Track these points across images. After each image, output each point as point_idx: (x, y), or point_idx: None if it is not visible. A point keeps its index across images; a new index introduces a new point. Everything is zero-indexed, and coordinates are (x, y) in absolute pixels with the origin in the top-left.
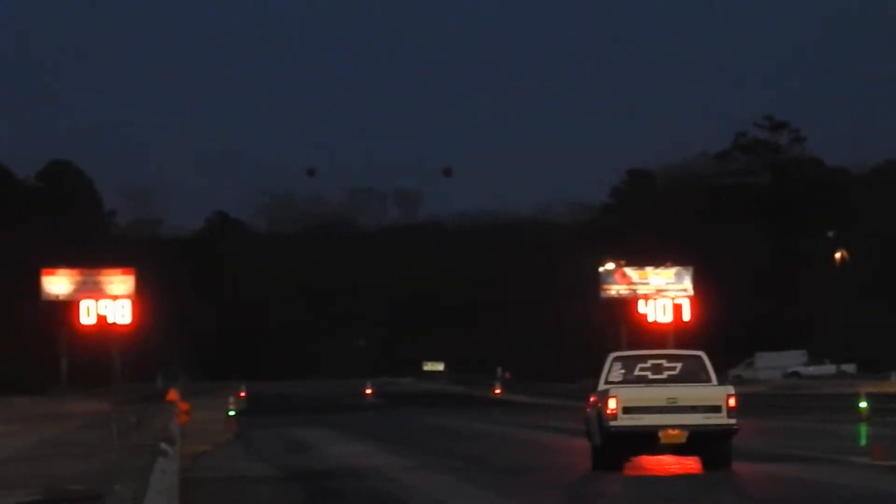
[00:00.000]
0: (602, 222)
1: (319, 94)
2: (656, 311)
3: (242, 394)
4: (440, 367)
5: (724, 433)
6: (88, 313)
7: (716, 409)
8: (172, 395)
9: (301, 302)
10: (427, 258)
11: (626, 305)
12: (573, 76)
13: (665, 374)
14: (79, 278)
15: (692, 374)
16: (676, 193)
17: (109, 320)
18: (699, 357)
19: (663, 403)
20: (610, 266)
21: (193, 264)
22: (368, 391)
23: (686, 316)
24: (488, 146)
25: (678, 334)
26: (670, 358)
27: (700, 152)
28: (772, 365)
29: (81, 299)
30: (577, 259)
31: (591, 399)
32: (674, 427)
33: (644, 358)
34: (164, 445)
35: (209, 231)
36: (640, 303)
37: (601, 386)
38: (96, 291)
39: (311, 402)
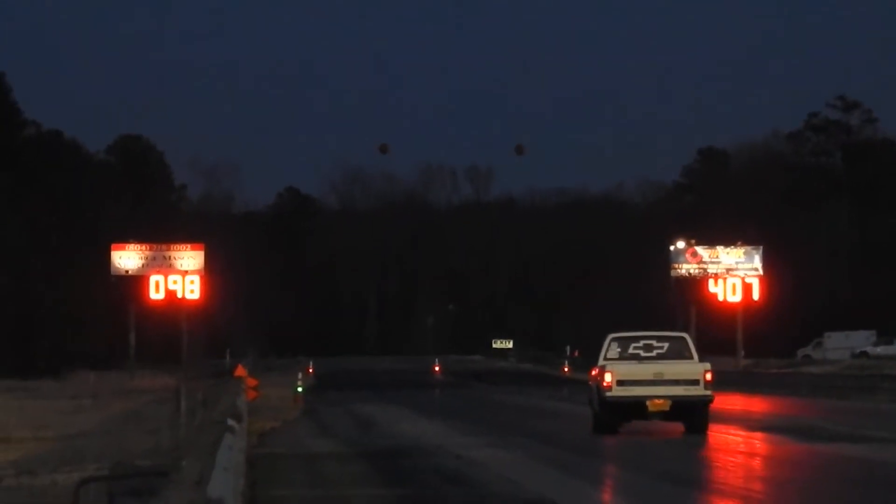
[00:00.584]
0: (674, 201)
1: (390, 68)
2: (726, 291)
3: (310, 370)
4: (509, 344)
5: (703, 402)
6: (158, 288)
7: (695, 382)
8: (240, 371)
9: (372, 279)
10: (498, 235)
11: (696, 284)
12: (645, 54)
13: (654, 353)
14: (148, 253)
15: (677, 352)
16: (748, 173)
17: (179, 296)
18: (684, 338)
19: (651, 377)
20: (681, 245)
21: (264, 240)
22: (437, 368)
23: (756, 295)
24: (560, 123)
25: (748, 313)
26: (659, 339)
27: (772, 132)
28: (841, 345)
29: (151, 274)
30: (647, 237)
31: (593, 373)
32: (659, 397)
33: (637, 338)
34: (231, 422)
35: (281, 207)
36: (710, 282)
37: (600, 362)
38: (166, 266)
39: (380, 378)
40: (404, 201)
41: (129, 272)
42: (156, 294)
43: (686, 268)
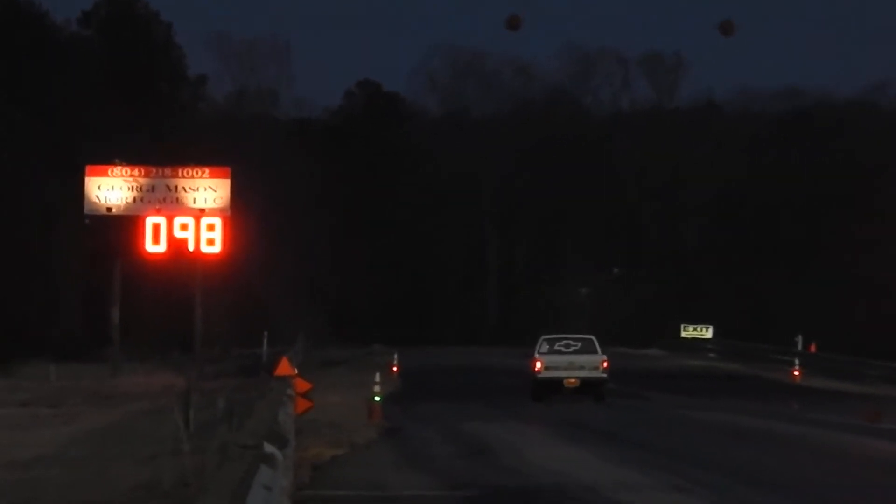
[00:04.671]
0: None
1: None
2: None
3: (394, 367)
4: (707, 332)
5: (600, 382)
6: (157, 236)
7: (596, 368)
8: (285, 367)
9: (495, 226)
10: (692, 159)
11: None
12: None
13: (571, 349)
14: (144, 181)
15: (586, 348)
16: None
17: (190, 248)
18: (591, 339)
19: (566, 365)
20: None
21: (326, 162)
22: None
23: None
24: None
25: None
26: (575, 339)
27: None
28: None
29: (148, 215)
30: None
31: (532, 361)
32: (572, 377)
33: (561, 339)
34: (269, 447)
35: (351, 112)
36: None
37: (535, 354)
38: (171, 202)
39: (501, 382)
40: (545, 105)
41: (113, 210)
42: (154, 245)
43: None
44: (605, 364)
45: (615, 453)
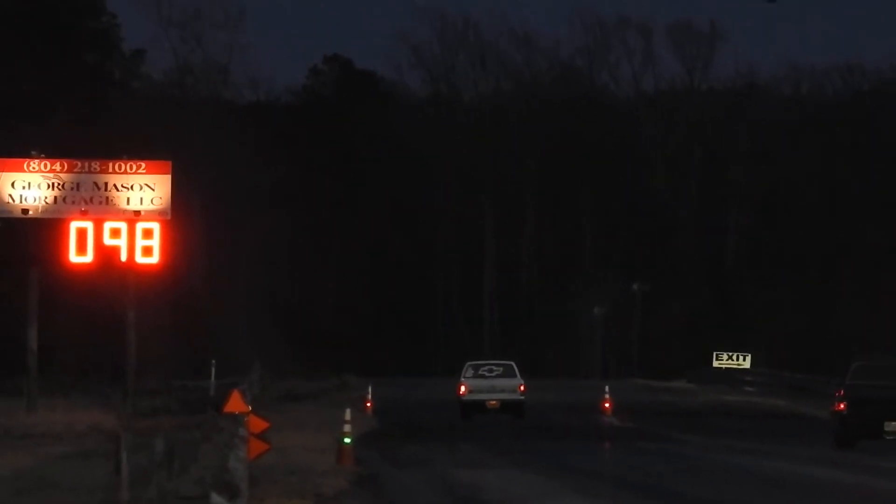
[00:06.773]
0: None
1: None
2: None
3: (368, 403)
4: (745, 361)
5: (518, 404)
6: (83, 244)
7: (514, 391)
8: (237, 402)
9: (493, 230)
10: (731, 148)
11: None
12: None
13: (494, 373)
14: (67, 177)
15: (507, 373)
16: None
17: (122, 258)
18: (511, 364)
19: (488, 388)
20: None
21: (287, 154)
22: (607, 404)
23: None
24: None
25: None
26: (497, 365)
27: None
28: None
29: (72, 218)
30: None
31: (458, 385)
32: (493, 399)
33: (485, 364)
34: (217, 498)
35: (318, 93)
36: None
37: (461, 379)
38: (99, 204)
39: (501, 419)
40: (552, 84)
41: (30, 212)
42: (79, 255)
43: None
44: (523, 388)
45: None
